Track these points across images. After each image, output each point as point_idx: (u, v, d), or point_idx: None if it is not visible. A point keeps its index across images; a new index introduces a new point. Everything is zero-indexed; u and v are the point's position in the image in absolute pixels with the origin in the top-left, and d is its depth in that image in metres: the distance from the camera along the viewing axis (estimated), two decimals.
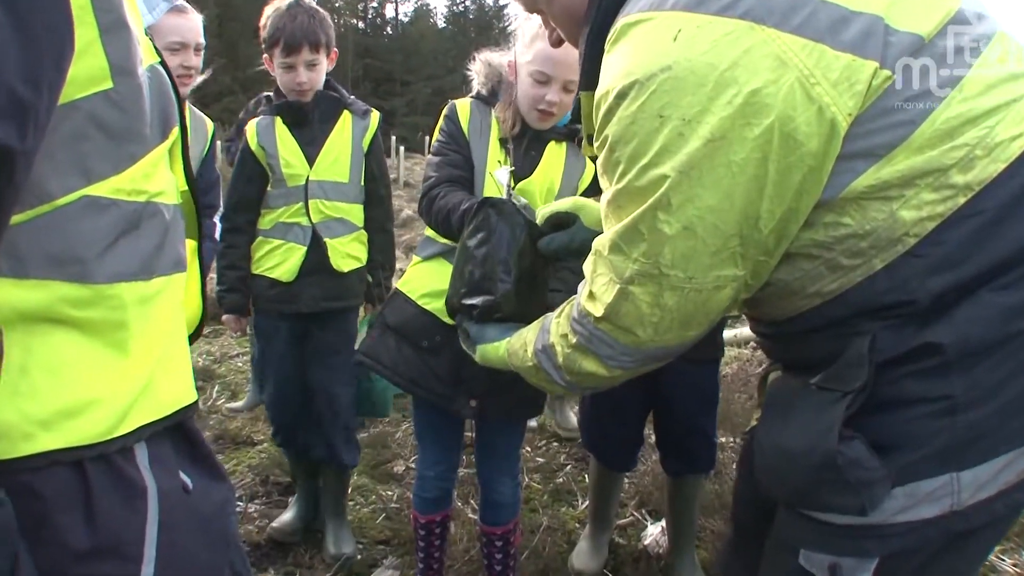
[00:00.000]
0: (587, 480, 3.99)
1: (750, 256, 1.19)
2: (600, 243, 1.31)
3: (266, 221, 3.15)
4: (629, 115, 1.16)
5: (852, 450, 1.14)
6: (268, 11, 3.05)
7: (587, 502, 3.73)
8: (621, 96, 1.17)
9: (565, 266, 2.17)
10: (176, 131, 1.05)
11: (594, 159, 1.39)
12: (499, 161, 2.39)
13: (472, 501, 3.71)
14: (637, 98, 1.15)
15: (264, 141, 3.09)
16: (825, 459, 1.15)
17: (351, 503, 3.71)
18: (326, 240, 3.13)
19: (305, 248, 3.11)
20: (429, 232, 2.47)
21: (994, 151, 1.10)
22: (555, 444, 4.50)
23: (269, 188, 3.13)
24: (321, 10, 3.13)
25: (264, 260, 3.15)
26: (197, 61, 2.89)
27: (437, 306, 2.36)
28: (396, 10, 65.57)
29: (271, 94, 3.24)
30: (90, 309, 0.91)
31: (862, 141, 1.12)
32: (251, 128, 3.13)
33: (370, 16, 62.46)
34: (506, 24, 63.82)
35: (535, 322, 1.63)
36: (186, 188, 1.14)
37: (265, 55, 3.09)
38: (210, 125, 3.13)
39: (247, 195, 3.14)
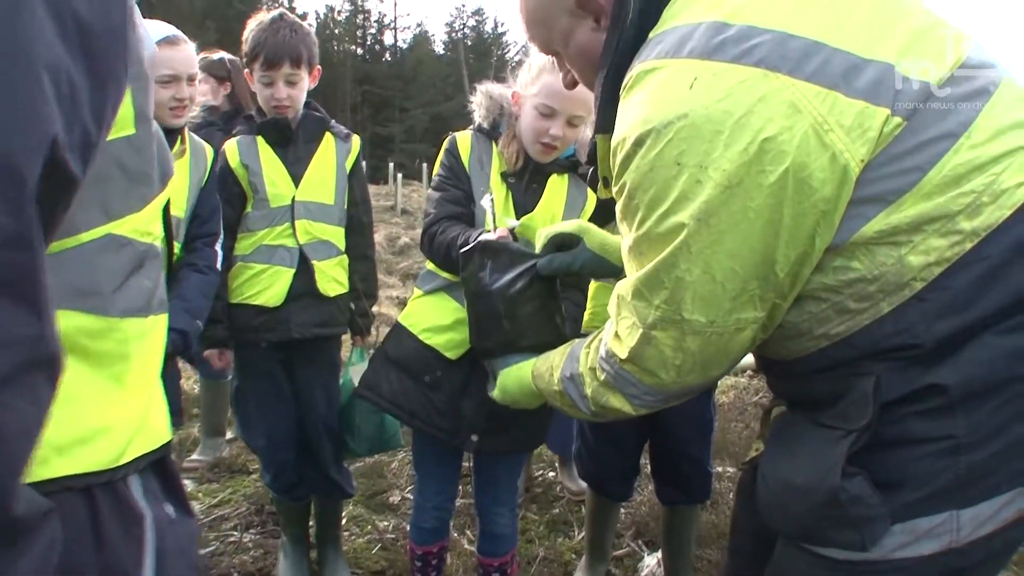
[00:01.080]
0: (583, 511, 3.98)
1: (768, 299, 1.21)
2: (623, 288, 1.33)
3: (245, 245, 3.00)
4: (647, 163, 1.18)
5: (855, 487, 1.16)
6: (251, 24, 2.97)
7: (583, 533, 3.72)
8: (638, 143, 1.19)
9: (567, 297, 2.18)
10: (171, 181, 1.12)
11: (608, 201, 1.41)
12: (484, 191, 2.38)
13: (468, 532, 3.69)
14: (655, 145, 1.16)
15: (247, 160, 2.96)
16: (829, 495, 1.17)
17: (346, 533, 3.69)
18: (313, 262, 3.01)
19: (293, 271, 2.97)
20: (430, 266, 2.48)
21: (1000, 198, 1.12)
22: (551, 474, 4.49)
23: (249, 209, 3.00)
24: (305, 25, 3.04)
25: (245, 287, 2.98)
26: (191, 92, 2.79)
27: (438, 341, 2.38)
28: (395, 36, 65.92)
29: (252, 113, 3.11)
30: (102, 341, 0.97)
31: (872, 187, 1.13)
32: (231, 147, 2.99)
33: (368, 42, 62.84)
34: (504, 51, 64.27)
35: (562, 347, 1.67)
36: (162, 235, 1.19)
37: (246, 70, 2.99)
38: (209, 151, 3.06)
39: (228, 218, 2.98)
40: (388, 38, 65.56)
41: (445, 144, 2.51)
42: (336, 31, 64.61)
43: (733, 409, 5.58)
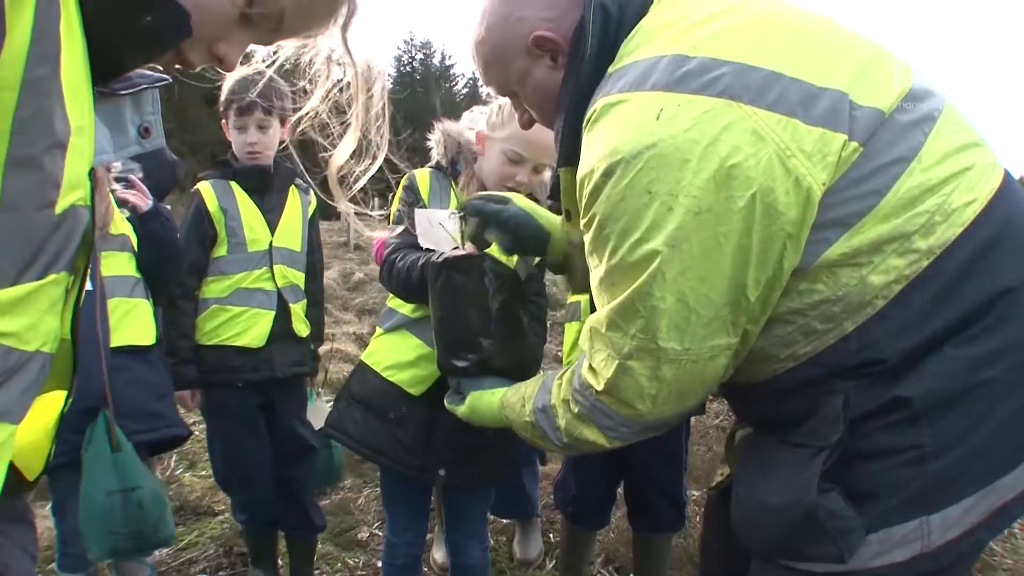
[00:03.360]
0: (553, 540, 4.00)
1: (740, 324, 1.25)
2: (596, 321, 1.35)
3: (220, 288, 3.08)
4: (618, 192, 1.22)
5: (830, 502, 1.21)
6: (229, 76, 3.08)
7: (554, 562, 3.74)
8: (608, 174, 1.22)
9: (533, 300, 2.21)
10: (64, 276, 0.89)
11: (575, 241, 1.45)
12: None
13: (434, 565, 3.69)
14: (624, 175, 1.20)
15: (225, 204, 3.08)
16: (806, 512, 1.21)
17: (317, 572, 3.67)
18: (290, 304, 3.15)
19: (273, 313, 3.10)
20: (392, 303, 2.51)
21: (951, 216, 1.18)
22: (537, 518, 4.48)
23: (224, 253, 3.08)
24: (278, 79, 3.16)
25: (222, 329, 3.06)
26: None
27: (402, 377, 2.40)
28: (343, 72, 65.77)
29: (227, 158, 3.22)
30: None
31: (834, 211, 1.19)
32: (208, 190, 3.09)
33: None
34: (452, 84, 64.49)
35: (534, 378, 1.68)
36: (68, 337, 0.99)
37: (223, 120, 3.12)
38: None
39: (199, 259, 3.07)
40: (336, 73, 65.39)
41: (404, 181, 2.53)
42: (285, 67, 64.33)
43: (695, 432, 5.63)
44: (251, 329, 3.07)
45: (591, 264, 1.35)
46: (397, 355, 2.44)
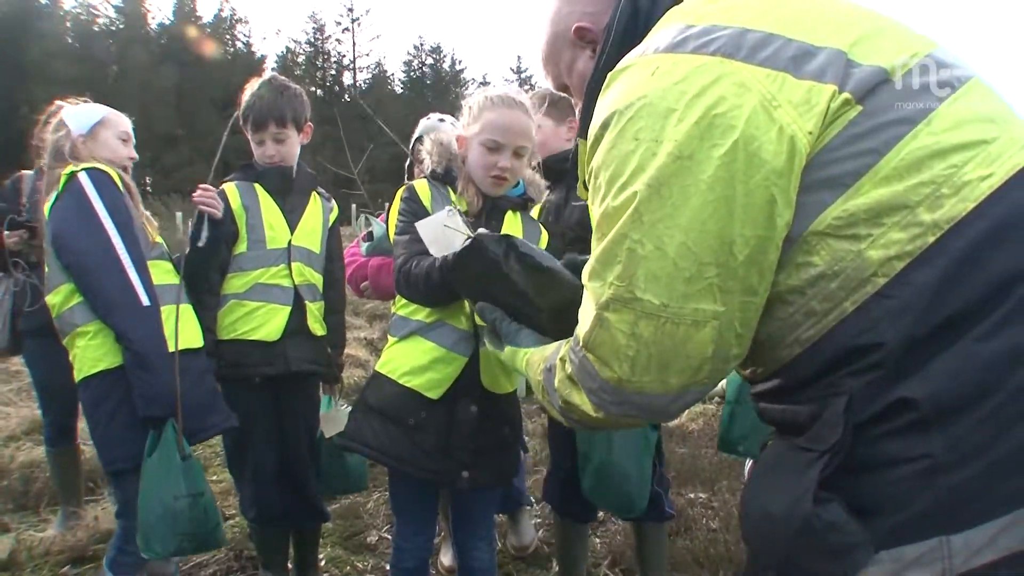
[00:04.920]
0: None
1: (729, 290, 1.18)
2: (584, 273, 1.33)
3: (238, 284, 3.16)
4: (610, 142, 1.24)
5: (829, 513, 1.11)
6: (248, 88, 3.25)
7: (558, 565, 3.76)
8: (604, 126, 1.26)
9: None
10: None
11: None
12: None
13: (441, 568, 3.73)
14: (617, 125, 1.23)
15: (247, 202, 3.19)
16: (803, 523, 1.12)
17: (326, 574, 3.72)
18: (306, 302, 3.24)
19: (289, 308, 3.19)
20: (402, 311, 2.54)
21: (962, 190, 1.10)
22: (527, 508, 4.52)
23: (244, 250, 3.17)
24: (293, 86, 3.31)
25: (239, 324, 3.14)
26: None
27: (418, 382, 2.44)
28: (354, 77, 66.08)
29: (251, 162, 3.33)
30: None
31: (828, 169, 1.15)
32: (232, 189, 3.20)
33: (328, 83, 62.89)
34: (463, 88, 64.59)
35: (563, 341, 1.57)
36: None
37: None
38: None
39: (223, 256, 3.18)
40: (347, 78, 65.75)
41: (402, 193, 2.58)
42: (296, 72, 64.68)
43: (703, 436, 5.67)
44: (267, 323, 3.15)
45: (594, 226, 1.33)
46: (412, 361, 2.47)
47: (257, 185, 3.24)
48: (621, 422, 1.37)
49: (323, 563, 3.82)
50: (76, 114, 3.04)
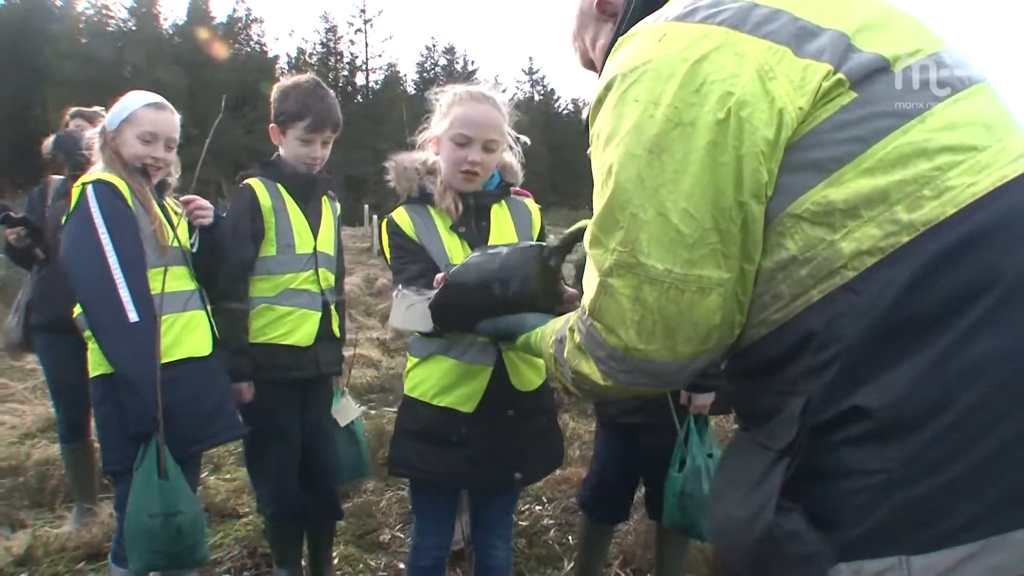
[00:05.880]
0: (571, 542, 4.04)
1: (732, 256, 1.17)
2: (586, 239, 1.31)
3: (267, 287, 3.16)
4: (611, 103, 1.25)
5: (790, 522, 1.09)
6: (286, 84, 3.24)
7: (572, 564, 3.77)
8: (607, 88, 1.26)
9: None
10: None
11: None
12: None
13: (458, 568, 3.74)
14: (619, 87, 1.24)
15: (276, 205, 3.18)
16: (764, 531, 1.10)
17: (339, 573, 3.74)
18: (331, 306, 3.30)
19: (320, 314, 3.23)
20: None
21: (944, 194, 1.08)
22: (538, 508, 4.55)
23: (273, 253, 3.17)
24: (331, 93, 3.35)
25: (270, 328, 3.14)
26: (168, 156, 3.00)
27: (451, 400, 2.46)
28: (367, 77, 66.23)
29: (275, 159, 3.31)
30: None
31: (813, 152, 1.14)
32: (260, 187, 3.17)
33: (341, 84, 63.04)
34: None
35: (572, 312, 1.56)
36: None
37: (273, 125, 3.24)
38: None
39: (248, 256, 3.16)
40: (360, 79, 65.90)
41: (385, 227, 2.58)
42: (308, 73, 64.78)
43: (716, 437, 5.65)
44: (299, 329, 3.17)
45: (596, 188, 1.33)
46: (439, 380, 2.48)
47: (280, 186, 3.22)
48: (630, 390, 1.36)
49: (336, 561, 3.84)
50: (116, 106, 2.99)
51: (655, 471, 3.06)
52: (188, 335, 2.82)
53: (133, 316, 2.63)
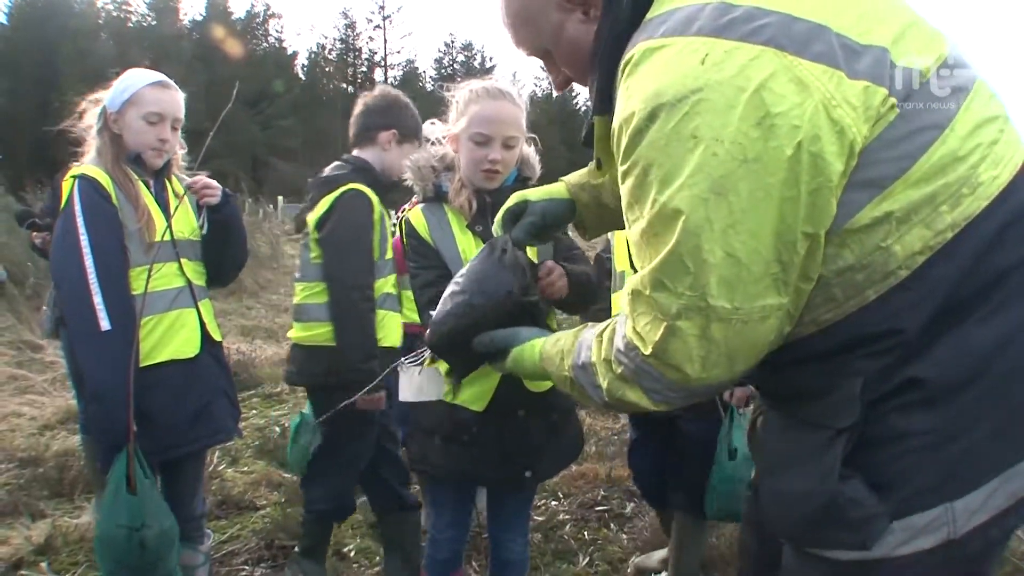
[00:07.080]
0: (587, 537, 4.04)
1: (791, 282, 1.19)
2: (639, 282, 1.28)
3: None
4: (663, 137, 1.17)
5: (852, 490, 1.19)
6: (395, 96, 3.48)
7: (586, 559, 3.78)
8: (652, 117, 1.19)
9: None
10: None
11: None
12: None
13: (474, 563, 3.76)
14: (669, 119, 1.16)
15: (381, 210, 3.27)
16: (829, 500, 1.20)
17: (355, 565, 3.75)
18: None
19: (399, 315, 3.36)
20: None
21: (977, 189, 1.17)
22: (554, 503, 4.55)
23: (379, 258, 3.26)
24: None
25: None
26: (173, 137, 2.86)
27: (462, 399, 2.47)
28: (385, 74, 66.23)
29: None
30: None
31: (868, 171, 1.16)
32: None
33: (359, 80, 63.14)
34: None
35: (572, 331, 1.59)
36: None
37: (382, 131, 3.34)
38: None
39: (367, 261, 3.25)
40: (378, 75, 65.96)
41: (403, 227, 2.58)
42: (327, 69, 65.00)
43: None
44: (393, 331, 3.29)
45: (630, 217, 1.29)
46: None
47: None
48: (678, 406, 1.39)
49: (353, 554, 3.86)
50: (117, 85, 2.82)
51: (695, 462, 3.08)
52: (172, 336, 2.74)
53: (105, 324, 2.51)
